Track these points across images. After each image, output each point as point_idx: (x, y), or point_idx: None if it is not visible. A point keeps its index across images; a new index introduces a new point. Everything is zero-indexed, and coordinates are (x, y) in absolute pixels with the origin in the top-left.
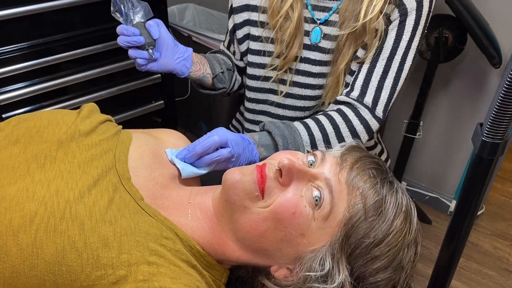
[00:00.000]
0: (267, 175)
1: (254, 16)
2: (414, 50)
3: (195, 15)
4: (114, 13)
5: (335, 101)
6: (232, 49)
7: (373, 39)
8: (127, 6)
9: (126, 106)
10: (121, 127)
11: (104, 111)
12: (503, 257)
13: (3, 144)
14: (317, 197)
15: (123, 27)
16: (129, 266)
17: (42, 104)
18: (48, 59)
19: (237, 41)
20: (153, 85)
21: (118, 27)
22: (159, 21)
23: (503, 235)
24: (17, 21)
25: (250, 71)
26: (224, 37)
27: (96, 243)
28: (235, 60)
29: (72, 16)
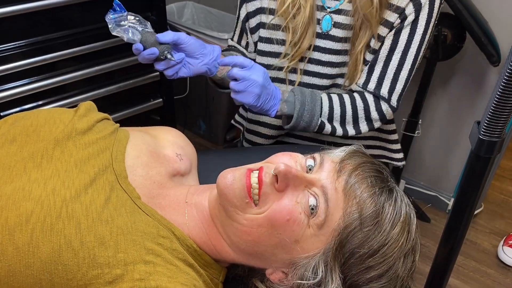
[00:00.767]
0: (263, 181)
1: (266, 4)
2: (426, 42)
3: (194, 13)
4: (114, 31)
5: (351, 90)
6: (245, 41)
7: (386, 30)
8: (122, 23)
9: (124, 104)
10: (118, 125)
11: (102, 109)
12: None
13: (0, 143)
14: (313, 205)
15: (134, 46)
16: (125, 265)
17: (40, 102)
18: (46, 57)
19: (249, 30)
20: (152, 83)
21: (132, 48)
22: (181, 36)
23: (501, 233)
24: (14, 19)
25: (260, 60)
26: (224, 34)
27: (92, 242)
28: (248, 54)
29: (70, 14)
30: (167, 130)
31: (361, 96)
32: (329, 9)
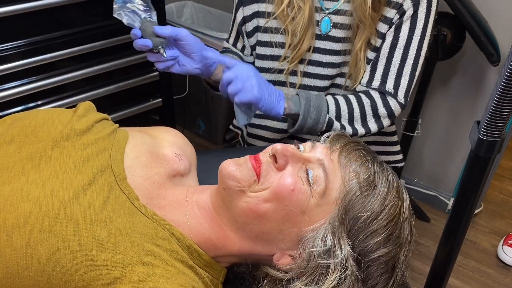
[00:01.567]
0: (262, 160)
1: (263, 7)
2: (428, 36)
3: (193, 13)
4: (116, 12)
5: (355, 91)
6: (241, 44)
7: (386, 27)
8: (128, 6)
9: (124, 104)
10: (117, 125)
11: (101, 109)
12: None
13: None
14: (313, 175)
15: (132, 31)
16: (124, 266)
17: (39, 102)
18: (45, 57)
19: (246, 34)
20: (151, 83)
21: (131, 32)
22: (182, 31)
23: (501, 233)
24: (13, 18)
25: (259, 64)
26: (223, 34)
27: (90, 243)
28: (244, 57)
29: (69, 14)
30: (166, 130)
31: (367, 94)
32: (327, 11)
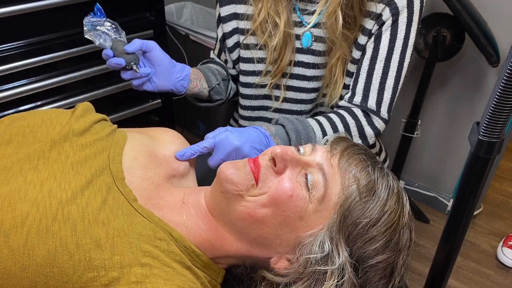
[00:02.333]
0: (261, 164)
1: (242, 25)
2: (411, 47)
3: (192, 14)
4: (87, 34)
5: (338, 106)
6: (224, 58)
7: (365, 38)
8: (98, 28)
9: (123, 105)
10: (116, 126)
11: (101, 110)
12: None
13: None
14: (312, 180)
15: (104, 52)
16: (121, 267)
17: (39, 103)
18: (45, 57)
19: (227, 49)
20: None
21: (102, 54)
22: (150, 43)
23: (501, 234)
24: (13, 19)
25: (243, 79)
26: None
27: (88, 244)
28: (227, 69)
29: (68, 15)
30: (165, 131)
31: (350, 113)
32: (308, 25)
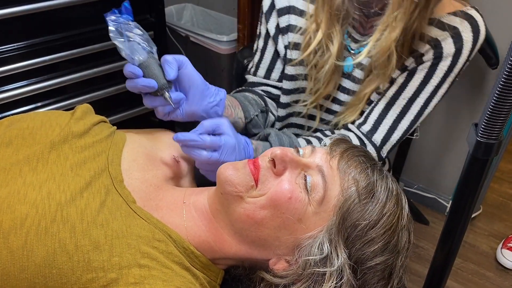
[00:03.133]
0: (260, 165)
1: (293, 38)
2: (439, 97)
3: (193, 15)
4: (115, 39)
5: (346, 127)
6: (276, 75)
7: (398, 72)
8: (127, 34)
9: (123, 106)
10: (115, 128)
11: (101, 111)
12: None
13: None
14: (311, 182)
15: (130, 68)
16: (120, 269)
17: (39, 104)
18: (45, 58)
19: (286, 61)
20: None
21: (124, 68)
22: (182, 58)
23: (500, 235)
24: (14, 20)
25: (283, 99)
26: (223, 36)
27: (87, 246)
28: (271, 89)
29: (69, 16)
30: (164, 132)
31: (359, 139)
32: (353, 51)
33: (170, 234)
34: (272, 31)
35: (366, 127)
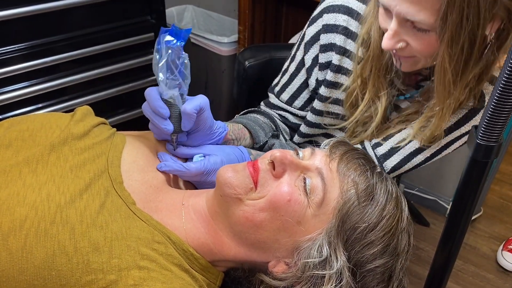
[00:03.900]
0: (260, 167)
1: (332, 77)
2: (462, 142)
3: (193, 17)
4: (158, 65)
5: (361, 142)
6: (299, 104)
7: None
8: (178, 59)
9: (125, 108)
10: (115, 130)
11: (101, 112)
12: None
13: None
14: (311, 184)
15: (158, 103)
16: (119, 270)
17: (40, 105)
18: (47, 60)
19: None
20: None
21: (151, 95)
22: (201, 104)
23: (501, 238)
24: (16, 21)
25: (304, 129)
26: (224, 38)
27: (86, 247)
28: (289, 116)
29: (70, 17)
30: None
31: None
32: (394, 98)
33: (169, 236)
34: (308, 62)
35: (382, 150)
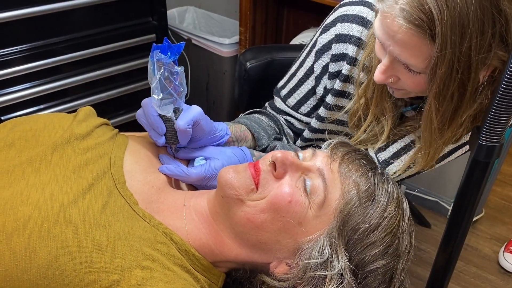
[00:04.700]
0: (261, 168)
1: (339, 86)
2: (465, 150)
3: (195, 18)
4: (153, 83)
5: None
6: (306, 110)
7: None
8: (172, 74)
9: (125, 109)
10: (117, 130)
11: (104, 113)
12: None
13: None
14: (312, 185)
15: (156, 120)
16: (122, 270)
17: (42, 106)
18: (48, 61)
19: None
20: None
21: (148, 107)
22: (195, 118)
23: (502, 239)
24: (18, 23)
25: (307, 135)
26: (225, 39)
27: (89, 247)
28: (294, 121)
29: (71, 19)
30: None
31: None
32: (400, 108)
33: (171, 236)
34: (318, 70)
35: (384, 155)
